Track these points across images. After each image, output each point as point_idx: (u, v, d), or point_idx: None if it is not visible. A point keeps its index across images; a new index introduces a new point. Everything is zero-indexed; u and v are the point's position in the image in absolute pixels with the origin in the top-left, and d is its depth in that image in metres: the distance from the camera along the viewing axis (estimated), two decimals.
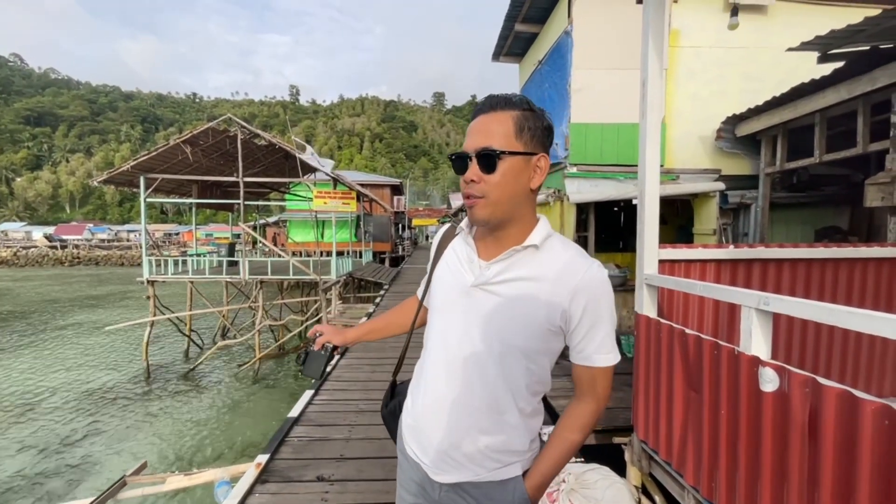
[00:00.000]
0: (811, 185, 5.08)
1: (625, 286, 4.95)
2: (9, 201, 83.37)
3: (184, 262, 11.74)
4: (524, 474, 0.96)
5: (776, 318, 1.71)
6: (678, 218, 6.40)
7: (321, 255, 12.44)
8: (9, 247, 44.50)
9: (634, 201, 2.68)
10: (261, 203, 18.14)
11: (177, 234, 53.22)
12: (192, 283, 11.75)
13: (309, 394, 4.07)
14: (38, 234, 53.91)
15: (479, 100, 0.97)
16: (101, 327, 14.13)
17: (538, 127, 0.88)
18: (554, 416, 3.28)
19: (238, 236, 17.71)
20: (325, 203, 11.56)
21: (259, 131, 10.52)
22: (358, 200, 13.34)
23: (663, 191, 3.99)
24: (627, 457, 2.58)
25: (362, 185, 19.90)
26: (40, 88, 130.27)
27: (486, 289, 0.91)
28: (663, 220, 5.80)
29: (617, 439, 3.03)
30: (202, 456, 6.68)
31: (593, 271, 0.88)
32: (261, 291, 10.78)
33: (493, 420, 0.93)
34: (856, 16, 3.08)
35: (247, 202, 11.45)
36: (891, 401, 1.15)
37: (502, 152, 0.84)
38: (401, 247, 29.16)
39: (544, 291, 0.88)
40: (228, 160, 11.65)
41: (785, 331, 2.55)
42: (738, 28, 4.56)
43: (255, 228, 18.24)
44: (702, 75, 5.00)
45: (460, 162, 0.88)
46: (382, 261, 22.84)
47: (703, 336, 1.87)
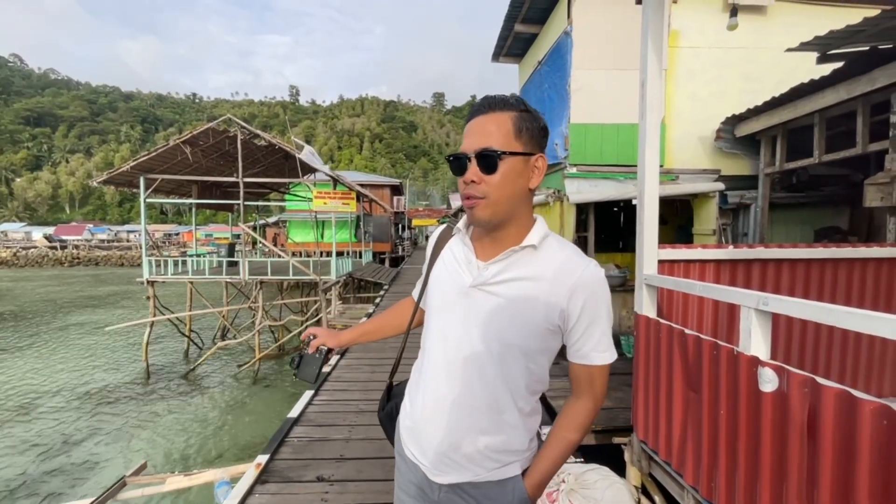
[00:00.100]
0: (811, 185, 5.08)
1: (624, 286, 4.95)
2: (8, 202, 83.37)
3: (183, 263, 11.75)
4: (523, 473, 0.97)
5: (775, 318, 1.71)
6: (678, 218, 6.40)
7: (321, 255, 12.45)
8: (8, 247, 44.50)
9: (634, 201, 2.69)
10: (261, 203, 18.15)
11: (177, 234, 53.24)
12: (191, 283, 11.76)
13: (309, 394, 4.07)
14: (38, 234, 53.90)
15: (478, 100, 0.96)
16: (102, 328, 14.13)
17: (535, 127, 0.89)
18: (553, 416, 3.27)
19: (238, 237, 17.71)
20: (324, 203, 11.58)
21: (259, 132, 10.52)
22: (358, 201, 13.34)
23: (663, 191, 3.99)
24: (627, 457, 2.59)
25: (362, 185, 19.91)
26: (40, 89, 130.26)
27: (484, 289, 0.91)
28: (663, 221, 5.81)
29: (617, 439, 3.03)
30: (202, 456, 6.68)
31: (591, 270, 0.89)
32: (260, 292, 10.79)
33: (492, 420, 0.93)
34: (855, 16, 3.09)
35: (246, 202, 11.46)
36: (890, 401, 1.15)
37: (503, 153, 0.84)
38: (400, 247, 29.18)
39: (543, 291, 0.88)
40: (228, 160, 11.66)
41: (784, 331, 2.55)
42: (738, 29, 4.56)
43: (254, 229, 18.26)
44: (701, 76, 5.01)
45: (458, 163, 0.88)
46: (382, 261, 22.85)
47: (702, 336, 1.87)
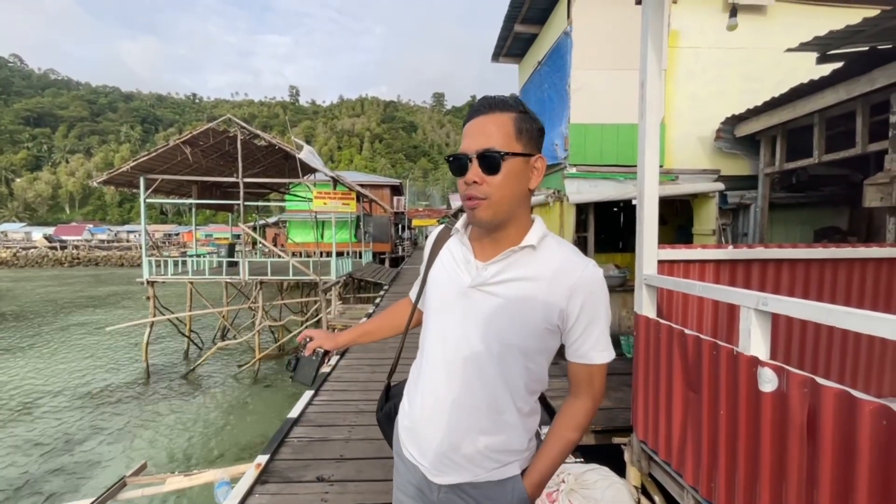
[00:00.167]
0: (810, 185, 5.08)
1: (624, 286, 4.95)
2: (8, 202, 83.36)
3: (183, 263, 11.75)
4: (522, 473, 0.97)
5: (775, 318, 1.71)
6: (677, 218, 6.40)
7: (321, 255, 12.45)
8: (8, 247, 44.51)
9: (634, 202, 2.69)
10: (260, 204, 18.15)
11: (177, 234, 53.26)
12: (191, 283, 11.77)
13: (309, 394, 4.06)
14: (38, 234, 53.93)
15: (477, 101, 0.97)
16: (102, 328, 14.14)
17: (534, 128, 0.89)
18: (552, 416, 3.27)
19: (238, 237, 17.71)
20: (324, 203, 11.58)
21: (259, 132, 10.53)
22: (357, 201, 13.35)
23: (662, 191, 3.99)
24: (627, 457, 2.59)
25: (362, 185, 19.91)
26: (40, 89, 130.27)
27: (483, 289, 0.92)
28: (663, 221, 5.81)
29: (616, 439, 3.03)
30: (202, 456, 6.68)
31: (589, 270, 0.89)
32: (260, 292, 10.79)
33: (492, 420, 0.93)
34: (854, 16, 3.09)
35: (246, 203, 11.46)
36: (890, 401, 1.16)
37: (506, 153, 0.85)
38: (400, 247, 29.20)
39: (542, 291, 0.88)
40: (228, 161, 11.66)
41: (784, 331, 2.55)
42: (737, 29, 4.57)
43: (254, 229, 18.27)
44: (701, 76, 5.01)
45: (459, 163, 0.88)
46: (382, 261, 22.85)
47: (702, 336, 1.87)
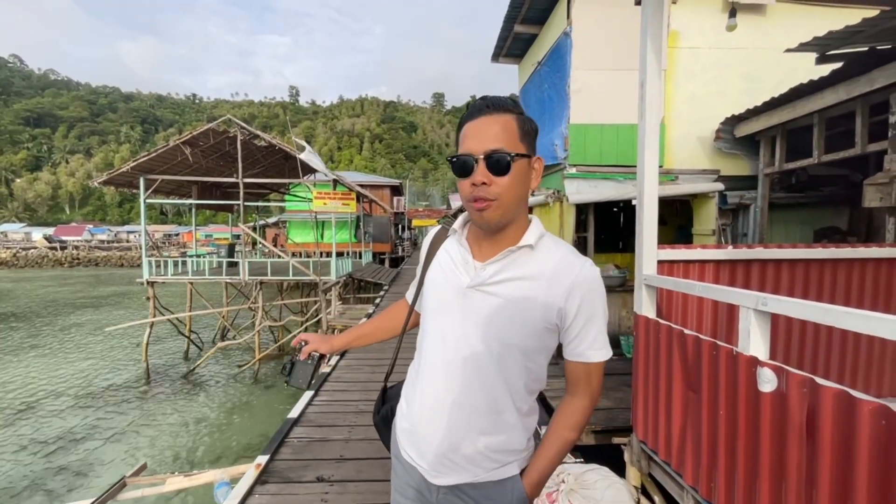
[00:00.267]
0: (810, 185, 5.08)
1: (624, 287, 4.95)
2: (8, 202, 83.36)
3: (183, 263, 11.74)
4: (521, 473, 0.97)
5: (775, 318, 1.71)
6: (677, 218, 6.40)
7: (321, 255, 12.45)
8: (8, 248, 44.51)
9: (634, 202, 2.69)
10: (260, 204, 18.16)
11: (176, 234, 53.26)
12: (191, 283, 11.77)
13: (309, 394, 4.07)
14: (38, 235, 53.92)
15: (476, 101, 0.96)
16: (102, 328, 14.14)
17: (533, 130, 0.91)
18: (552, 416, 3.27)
19: (238, 237, 17.71)
20: (324, 204, 11.58)
21: (259, 132, 10.53)
22: (357, 201, 13.35)
23: (662, 191, 3.99)
24: (627, 457, 2.59)
25: (362, 185, 19.92)
26: (40, 89, 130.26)
27: (482, 290, 0.92)
28: (662, 221, 5.81)
29: (616, 440, 3.03)
30: (202, 457, 6.68)
31: (587, 269, 0.90)
32: (260, 292, 10.79)
33: (491, 420, 0.93)
34: (854, 17, 3.09)
35: (246, 203, 11.46)
36: (889, 401, 1.16)
37: (515, 154, 0.85)
38: (400, 247, 29.21)
39: (541, 290, 0.89)
40: (228, 161, 11.66)
41: (784, 331, 2.56)
42: (737, 29, 4.57)
43: (254, 229, 18.27)
44: (701, 76, 5.01)
45: (464, 164, 0.86)
46: (382, 261, 22.85)
47: (701, 336, 1.87)
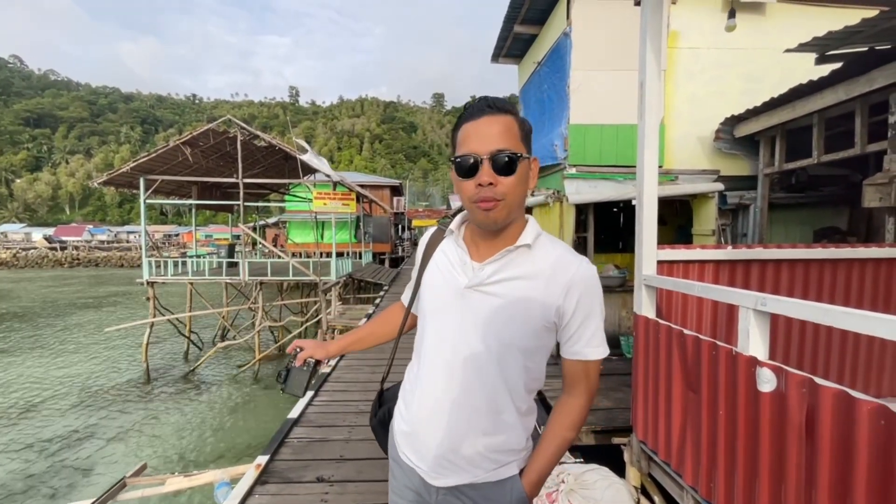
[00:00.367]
0: (810, 185, 5.08)
1: (624, 287, 4.95)
2: (8, 203, 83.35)
3: (183, 264, 11.74)
4: (520, 473, 0.97)
5: (775, 318, 1.71)
6: (677, 218, 6.40)
7: (321, 256, 12.45)
8: (8, 248, 44.50)
9: (633, 202, 2.70)
10: (260, 204, 18.15)
11: (176, 235, 53.25)
12: (191, 284, 11.77)
13: (309, 395, 4.07)
14: (38, 235, 53.89)
15: (476, 101, 0.95)
16: (102, 329, 14.14)
17: (529, 131, 0.92)
18: None
19: (238, 237, 17.70)
20: (324, 204, 11.58)
21: (259, 132, 10.53)
22: (357, 201, 13.35)
23: (662, 191, 4.00)
24: (626, 457, 2.59)
25: (362, 185, 19.91)
26: (40, 90, 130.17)
27: (481, 290, 0.92)
28: (662, 221, 5.81)
29: (616, 440, 3.04)
30: (202, 457, 6.68)
31: (584, 267, 0.91)
32: (260, 292, 10.79)
33: (491, 420, 0.93)
34: (853, 17, 3.09)
35: (246, 203, 11.46)
36: (888, 401, 1.16)
37: (520, 155, 0.86)
38: (400, 247, 29.21)
39: (539, 289, 0.89)
40: (228, 161, 11.66)
41: (784, 331, 2.56)
42: (737, 30, 4.57)
43: (254, 229, 18.27)
44: (700, 76, 5.02)
45: (468, 165, 0.86)
46: (382, 261, 22.86)
47: (701, 337, 1.87)
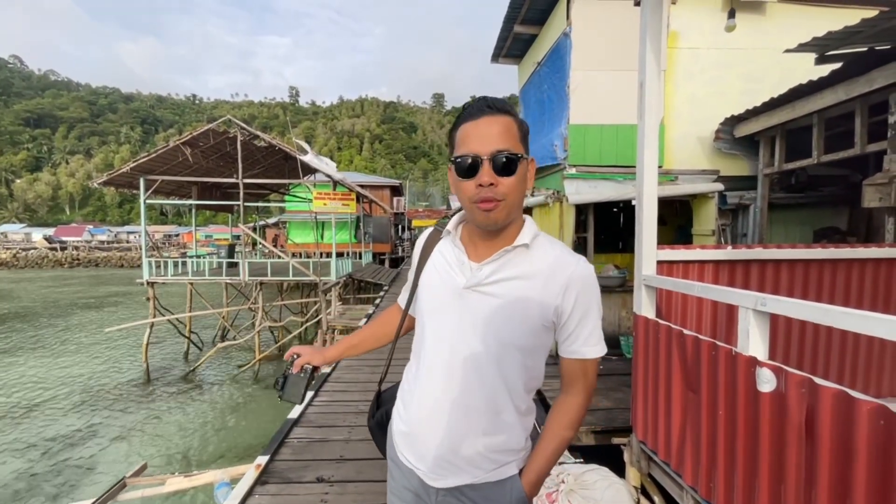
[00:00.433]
0: (810, 185, 5.08)
1: (624, 287, 4.95)
2: (8, 203, 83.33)
3: (183, 264, 11.75)
4: (520, 472, 0.97)
5: (775, 318, 1.72)
6: (677, 218, 6.41)
7: (321, 256, 12.45)
8: (8, 248, 44.50)
9: (633, 202, 2.70)
10: (260, 204, 18.16)
11: (176, 235, 53.22)
12: (191, 284, 11.77)
13: (309, 395, 4.06)
14: (38, 235, 53.87)
15: (476, 101, 0.94)
16: (102, 329, 14.13)
17: (527, 131, 0.92)
18: None
19: (238, 238, 17.71)
20: (324, 204, 11.58)
21: (259, 133, 10.53)
22: (357, 201, 13.35)
23: (662, 192, 4.00)
24: (626, 457, 2.59)
25: (362, 186, 19.91)
26: (40, 90, 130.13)
27: (479, 290, 0.92)
28: (662, 221, 5.81)
29: (616, 440, 3.04)
30: (202, 457, 6.68)
31: (581, 266, 0.92)
32: (260, 293, 10.79)
33: (491, 420, 0.94)
34: (853, 17, 3.09)
35: (246, 203, 11.47)
36: (888, 401, 1.16)
37: (521, 156, 0.86)
38: (400, 248, 29.20)
39: (537, 289, 0.90)
40: (228, 161, 11.67)
41: (784, 331, 2.56)
42: (737, 30, 4.58)
43: (254, 230, 18.28)
44: (700, 76, 5.02)
45: (468, 165, 0.85)
46: (382, 262, 22.86)
47: (701, 337, 1.87)
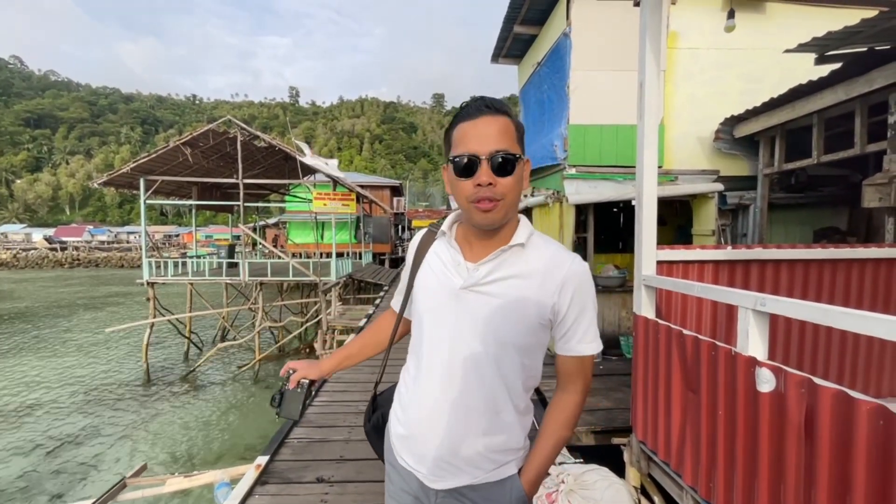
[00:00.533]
0: (809, 185, 5.08)
1: (624, 287, 4.95)
2: (9, 203, 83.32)
3: (183, 264, 11.75)
4: (519, 472, 0.97)
5: (774, 319, 1.71)
6: (677, 219, 6.41)
7: (321, 256, 12.45)
8: (9, 249, 44.51)
9: (633, 202, 2.70)
10: (260, 205, 18.16)
11: (177, 235, 53.21)
12: (191, 284, 11.77)
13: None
14: (38, 235, 53.86)
15: (474, 101, 0.93)
16: (102, 329, 14.13)
17: (523, 132, 0.93)
18: None
19: (238, 238, 17.71)
20: (324, 204, 11.58)
21: (259, 133, 10.53)
22: (357, 202, 13.35)
23: (661, 192, 4.00)
24: (626, 457, 2.59)
25: (362, 186, 19.92)
26: (40, 90, 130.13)
27: (476, 290, 0.92)
28: (662, 221, 5.81)
29: (616, 440, 3.04)
30: (202, 457, 6.68)
31: (577, 263, 0.92)
32: (260, 293, 10.79)
33: (490, 420, 0.94)
34: (852, 17, 3.09)
35: (246, 204, 11.47)
36: (887, 401, 1.16)
37: (519, 156, 0.87)
38: (400, 248, 29.18)
39: (534, 287, 0.90)
40: (228, 162, 11.67)
41: (783, 332, 2.56)
42: (736, 30, 4.57)
43: (254, 230, 18.29)
44: (700, 76, 5.02)
45: (467, 165, 0.86)
46: (382, 262, 22.88)
47: (700, 337, 1.87)
